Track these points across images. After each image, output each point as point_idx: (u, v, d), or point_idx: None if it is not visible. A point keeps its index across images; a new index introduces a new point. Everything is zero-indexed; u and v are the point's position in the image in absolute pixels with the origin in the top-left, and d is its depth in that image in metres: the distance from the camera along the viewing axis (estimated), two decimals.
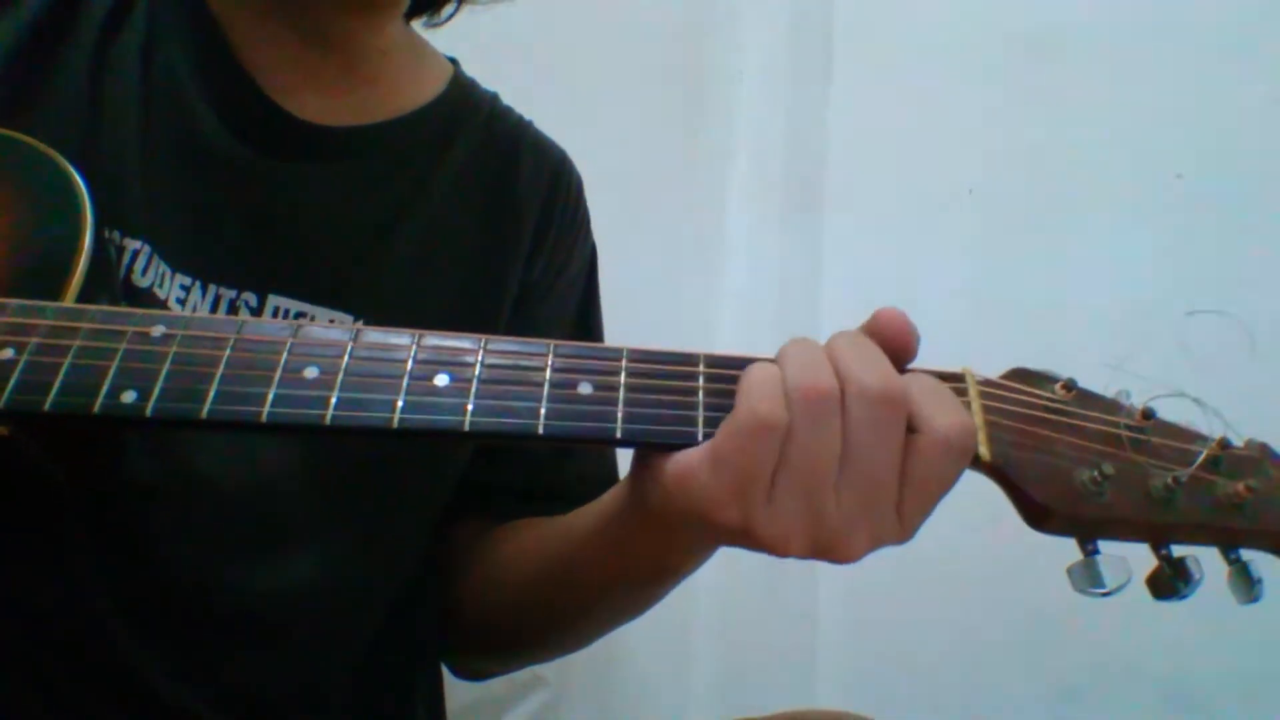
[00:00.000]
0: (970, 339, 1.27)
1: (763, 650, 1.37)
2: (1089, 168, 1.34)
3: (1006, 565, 1.17)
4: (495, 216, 0.74)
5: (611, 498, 0.58)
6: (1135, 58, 1.33)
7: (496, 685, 0.99)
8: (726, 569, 1.21)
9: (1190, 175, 1.27)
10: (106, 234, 0.59)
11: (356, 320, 0.66)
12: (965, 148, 1.45)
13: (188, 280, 0.63)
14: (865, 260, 1.48)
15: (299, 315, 0.65)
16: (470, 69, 0.82)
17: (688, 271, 1.47)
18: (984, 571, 1.22)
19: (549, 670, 1.18)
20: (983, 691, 1.24)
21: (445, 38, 0.81)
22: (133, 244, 0.60)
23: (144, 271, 0.61)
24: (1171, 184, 1.28)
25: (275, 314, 0.64)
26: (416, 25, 0.80)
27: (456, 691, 0.79)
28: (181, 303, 0.62)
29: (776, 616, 1.37)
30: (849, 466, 0.44)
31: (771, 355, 0.48)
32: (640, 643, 1.25)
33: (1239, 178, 1.24)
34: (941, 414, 0.45)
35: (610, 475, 0.75)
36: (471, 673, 0.79)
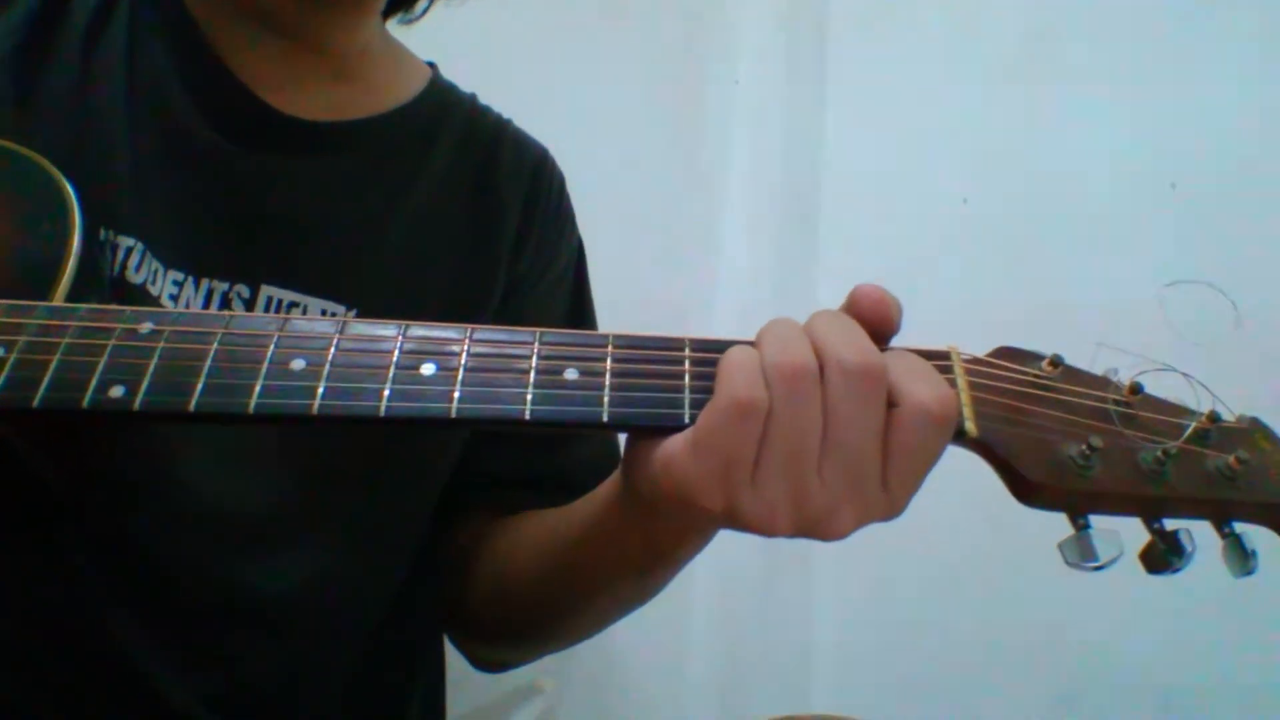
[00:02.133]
0: (964, 346, 1.26)
1: (758, 655, 1.36)
2: (1084, 178, 1.34)
3: (1004, 569, 1.16)
4: (480, 210, 0.75)
5: (605, 488, 0.58)
6: (1131, 67, 1.33)
7: (494, 693, 0.98)
8: (721, 572, 1.20)
9: (1185, 185, 1.27)
10: (101, 233, 0.60)
11: (350, 311, 0.67)
12: (960, 157, 1.45)
13: (180, 276, 0.63)
14: (860, 268, 1.47)
15: (292, 306, 0.66)
16: (467, 72, 0.82)
17: (683, 280, 1.47)
18: (981, 576, 1.21)
19: (547, 677, 1.18)
20: (979, 697, 1.22)
21: (442, 39, 0.82)
22: (126, 241, 0.61)
23: (137, 268, 0.61)
24: (1166, 194, 1.28)
25: (268, 305, 0.65)
26: (391, 26, 0.81)
27: (455, 699, 0.79)
28: (174, 299, 0.62)
29: (771, 621, 1.36)
30: (830, 442, 0.44)
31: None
32: (637, 648, 1.25)
33: (1234, 188, 1.23)
34: (921, 386, 0.45)
35: (613, 461, 0.74)
36: (488, 664, 0.79)
